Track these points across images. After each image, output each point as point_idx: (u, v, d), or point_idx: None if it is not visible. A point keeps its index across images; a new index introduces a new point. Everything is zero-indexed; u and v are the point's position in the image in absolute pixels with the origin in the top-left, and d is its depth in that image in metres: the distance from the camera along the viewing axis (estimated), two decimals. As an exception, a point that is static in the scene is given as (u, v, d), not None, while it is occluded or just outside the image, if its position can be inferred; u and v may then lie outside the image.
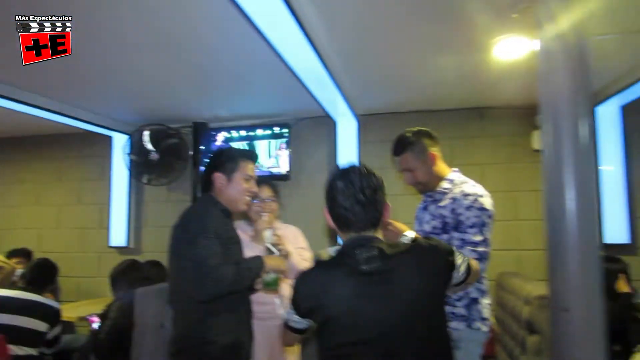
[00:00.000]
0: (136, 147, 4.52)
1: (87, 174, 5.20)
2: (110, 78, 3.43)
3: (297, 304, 1.43)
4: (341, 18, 2.54)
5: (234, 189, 2.01)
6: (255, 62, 3.11)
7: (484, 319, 2.03)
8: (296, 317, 1.46)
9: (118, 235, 4.89)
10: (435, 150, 2.15)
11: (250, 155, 2.15)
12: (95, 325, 3.25)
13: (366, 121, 4.41)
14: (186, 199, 4.64)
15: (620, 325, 2.92)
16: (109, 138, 4.92)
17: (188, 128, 4.67)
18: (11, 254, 4.16)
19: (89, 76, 3.32)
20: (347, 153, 4.37)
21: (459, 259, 1.45)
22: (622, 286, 2.95)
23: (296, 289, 1.44)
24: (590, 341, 1.38)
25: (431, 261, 1.39)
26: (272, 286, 2.01)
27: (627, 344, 2.93)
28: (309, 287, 1.42)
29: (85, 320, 3.73)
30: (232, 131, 4.64)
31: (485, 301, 2.04)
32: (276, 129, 4.50)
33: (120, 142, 4.76)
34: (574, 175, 1.44)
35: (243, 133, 4.60)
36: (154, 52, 2.93)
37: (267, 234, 2.15)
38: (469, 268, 1.50)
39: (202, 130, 4.66)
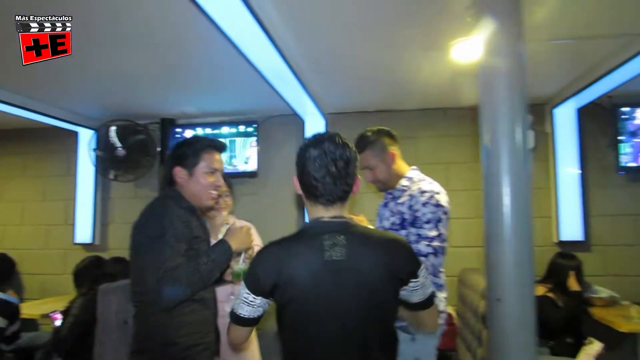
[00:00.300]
0: (102, 142, 4.45)
1: (52, 170, 5.09)
2: (76, 73, 3.37)
3: (257, 281, 1.33)
4: (304, 19, 2.57)
5: (197, 184, 1.89)
6: (221, 61, 3.12)
7: (440, 312, 2.10)
8: (254, 299, 1.35)
9: (84, 231, 4.81)
10: (394, 149, 2.22)
11: (216, 145, 1.98)
12: (58, 323, 3.22)
13: (334, 120, 4.45)
14: (153, 195, 4.46)
15: (572, 320, 3.05)
16: (75, 133, 4.83)
17: (156, 124, 4.64)
18: (-29, 251, 4.08)
19: (55, 70, 3.26)
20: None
21: (422, 273, 1.39)
22: (572, 284, 3.08)
23: (255, 265, 1.37)
24: (521, 329, 1.46)
25: (395, 254, 1.35)
26: (242, 277, 1.97)
27: (579, 337, 3.08)
28: (270, 261, 1.34)
29: (47, 317, 3.68)
30: (197, 128, 4.63)
31: (442, 295, 2.10)
32: (241, 128, 4.52)
33: (86, 138, 4.67)
34: (509, 172, 1.51)
35: (209, 130, 4.59)
36: (121, 47, 2.90)
37: (224, 230, 2.10)
38: (432, 298, 1.44)
39: (169, 127, 4.63)
